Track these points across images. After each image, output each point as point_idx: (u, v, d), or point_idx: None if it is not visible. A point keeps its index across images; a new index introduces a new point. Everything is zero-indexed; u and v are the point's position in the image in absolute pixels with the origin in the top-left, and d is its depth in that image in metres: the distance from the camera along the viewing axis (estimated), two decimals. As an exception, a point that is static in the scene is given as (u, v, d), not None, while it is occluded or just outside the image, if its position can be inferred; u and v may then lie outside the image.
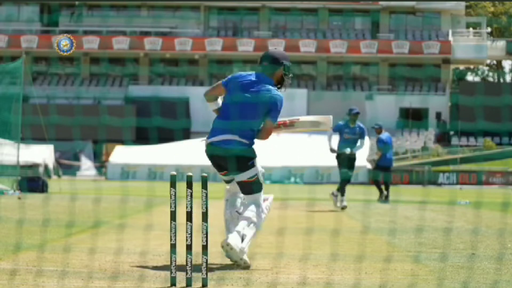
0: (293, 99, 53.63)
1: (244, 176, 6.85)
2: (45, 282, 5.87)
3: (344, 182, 16.26)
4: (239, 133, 6.81)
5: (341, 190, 16.18)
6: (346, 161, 16.43)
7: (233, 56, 60.63)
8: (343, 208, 15.86)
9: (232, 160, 6.77)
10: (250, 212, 6.77)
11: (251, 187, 6.87)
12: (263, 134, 6.91)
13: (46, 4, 62.87)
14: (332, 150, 16.54)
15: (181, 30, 61.60)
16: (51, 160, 41.82)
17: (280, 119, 7.18)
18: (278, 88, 6.96)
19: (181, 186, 5.73)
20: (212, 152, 6.87)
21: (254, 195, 6.87)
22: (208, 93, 7.05)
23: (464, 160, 49.77)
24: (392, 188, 20.97)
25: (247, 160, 6.83)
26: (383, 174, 19.45)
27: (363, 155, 28.92)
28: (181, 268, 6.05)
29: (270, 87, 6.88)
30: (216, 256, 7.15)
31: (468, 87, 61.57)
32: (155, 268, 6.73)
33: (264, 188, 7.00)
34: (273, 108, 6.84)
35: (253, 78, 6.90)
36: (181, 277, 5.92)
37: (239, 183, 6.89)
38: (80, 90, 59.66)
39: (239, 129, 6.82)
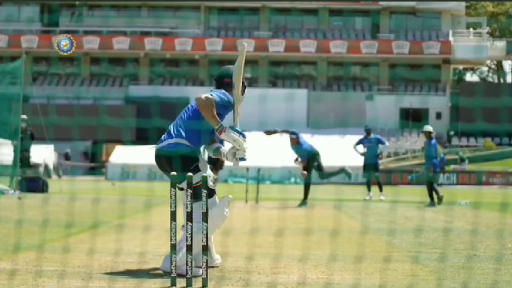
0: (293, 100, 53.69)
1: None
2: (45, 282, 5.87)
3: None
4: (183, 135, 6.62)
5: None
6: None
7: (234, 56, 60.45)
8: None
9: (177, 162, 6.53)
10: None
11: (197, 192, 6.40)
12: (197, 99, 6.62)
13: (46, 4, 62.86)
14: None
15: (182, 30, 61.61)
16: (51, 160, 41.82)
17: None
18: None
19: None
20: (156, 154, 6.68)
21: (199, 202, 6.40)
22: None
23: (464, 160, 49.74)
24: (392, 188, 20.98)
25: (190, 162, 6.55)
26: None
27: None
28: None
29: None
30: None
31: (468, 87, 61.56)
32: (155, 268, 6.73)
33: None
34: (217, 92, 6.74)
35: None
36: (181, 277, 5.92)
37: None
38: (80, 90, 59.66)
39: (184, 131, 6.64)
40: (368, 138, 21.84)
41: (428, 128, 18.97)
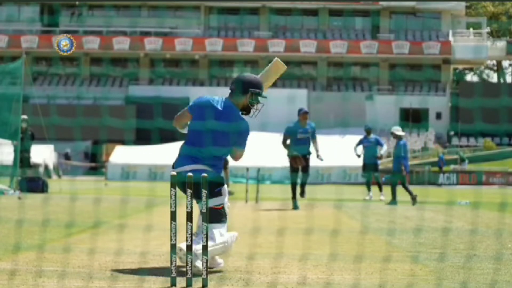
0: (293, 100, 53.67)
1: (211, 203, 6.50)
2: (45, 282, 5.88)
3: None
4: (208, 162, 6.65)
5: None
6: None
7: (234, 56, 60.67)
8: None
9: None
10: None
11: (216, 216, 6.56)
12: (235, 159, 6.85)
13: (46, 4, 62.91)
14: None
15: (182, 30, 61.63)
16: (51, 160, 41.87)
17: None
18: (245, 114, 6.84)
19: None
20: (181, 180, 6.35)
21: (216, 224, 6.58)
22: (176, 123, 6.90)
23: (464, 160, 49.77)
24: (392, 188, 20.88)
25: (215, 186, 6.62)
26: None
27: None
28: (181, 268, 6.06)
29: (237, 115, 6.77)
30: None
31: (468, 87, 61.61)
32: (155, 268, 6.74)
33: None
34: (240, 137, 6.76)
35: (219, 108, 6.76)
36: (181, 277, 5.93)
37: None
38: (80, 91, 59.71)
39: (208, 158, 6.67)
40: (368, 138, 21.91)
41: (397, 129, 19.07)
